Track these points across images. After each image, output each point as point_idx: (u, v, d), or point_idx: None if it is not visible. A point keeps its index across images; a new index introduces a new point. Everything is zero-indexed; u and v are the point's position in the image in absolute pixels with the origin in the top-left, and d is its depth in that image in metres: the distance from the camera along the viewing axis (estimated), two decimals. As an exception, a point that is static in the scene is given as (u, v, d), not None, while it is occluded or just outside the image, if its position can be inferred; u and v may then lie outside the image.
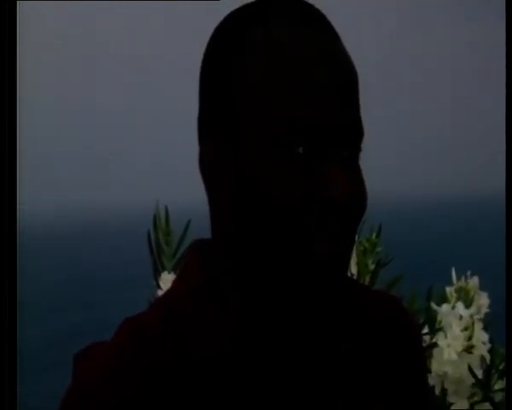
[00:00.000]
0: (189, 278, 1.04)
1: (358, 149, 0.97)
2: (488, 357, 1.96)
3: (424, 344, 1.93)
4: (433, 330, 2.02)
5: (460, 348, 1.94)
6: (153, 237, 2.34)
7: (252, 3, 1.01)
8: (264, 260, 0.96)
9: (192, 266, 1.05)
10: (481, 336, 1.97)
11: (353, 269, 2.29)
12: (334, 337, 1.04)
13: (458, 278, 2.17)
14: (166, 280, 2.16)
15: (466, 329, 1.97)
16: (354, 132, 0.96)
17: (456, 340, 1.94)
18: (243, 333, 1.00)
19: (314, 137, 0.93)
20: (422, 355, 1.18)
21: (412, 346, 1.14)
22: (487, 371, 1.96)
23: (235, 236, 0.98)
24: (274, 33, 0.95)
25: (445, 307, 2.03)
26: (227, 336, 0.99)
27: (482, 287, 2.15)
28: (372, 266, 2.34)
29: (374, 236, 2.37)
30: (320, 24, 0.97)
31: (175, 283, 1.07)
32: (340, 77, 0.94)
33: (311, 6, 0.99)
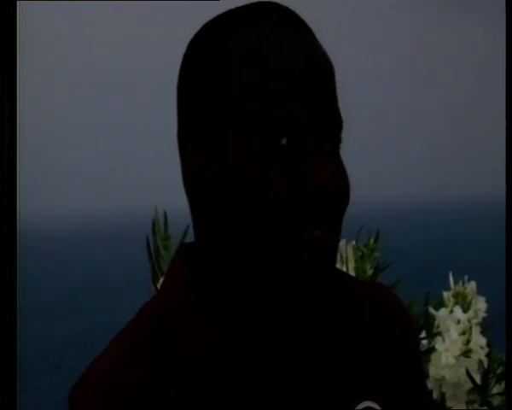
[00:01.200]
0: (172, 279, 1.06)
1: (339, 141, 1.00)
2: (486, 361, 1.96)
3: (422, 349, 1.93)
4: (431, 335, 2.02)
5: (458, 353, 1.94)
6: (151, 242, 2.33)
7: (229, 11, 1.03)
8: (252, 258, 0.97)
9: (176, 267, 1.07)
10: (479, 341, 1.97)
11: (351, 274, 2.29)
12: (325, 330, 1.04)
13: (456, 283, 2.17)
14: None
15: (464, 333, 1.97)
16: (335, 124, 0.99)
17: (453, 344, 1.94)
18: (228, 333, 1.00)
19: (299, 131, 0.95)
20: (415, 342, 1.19)
21: (404, 333, 1.14)
22: (485, 375, 1.96)
23: (220, 235, 0.99)
24: (253, 34, 0.98)
25: (442, 312, 2.03)
26: (210, 337, 0.99)
27: (479, 291, 2.15)
28: (370, 272, 2.34)
29: (371, 241, 2.37)
30: (296, 24, 1.00)
31: (161, 285, 1.09)
32: (318, 72, 0.98)
33: (285, 8, 1.02)
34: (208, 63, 1.00)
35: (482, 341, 1.97)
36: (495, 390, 1.97)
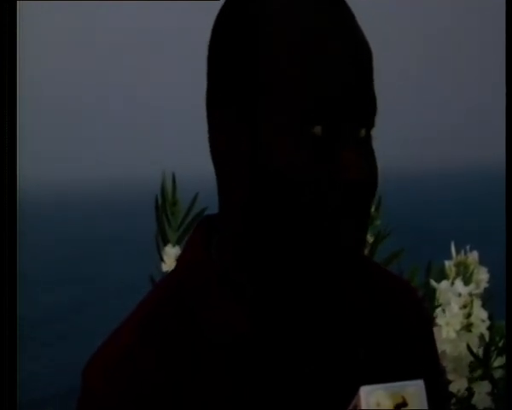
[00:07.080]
0: (190, 257, 1.04)
1: (373, 126, 0.97)
2: (487, 334, 1.95)
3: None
4: (432, 308, 2.02)
5: (459, 327, 1.93)
6: (160, 205, 2.31)
7: None
8: (275, 241, 0.95)
9: (195, 244, 1.05)
10: (480, 314, 1.95)
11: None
12: (349, 321, 1.04)
13: (458, 253, 2.16)
14: (170, 254, 2.14)
15: (465, 306, 1.96)
16: (370, 107, 0.96)
17: (454, 318, 1.93)
18: (244, 314, 0.99)
19: (332, 112, 0.92)
20: (433, 346, 1.17)
21: (423, 336, 1.14)
22: (486, 348, 1.95)
23: (245, 213, 0.97)
24: (289, 6, 0.94)
25: (443, 284, 2.02)
26: (229, 317, 0.98)
27: (482, 262, 2.14)
28: (371, 240, 2.34)
29: (372, 209, 2.37)
30: (337, 7, 0.96)
31: (178, 261, 1.07)
32: (356, 51, 0.94)
33: None
34: (237, 32, 0.96)
35: (483, 314, 1.96)
36: (496, 363, 1.96)
